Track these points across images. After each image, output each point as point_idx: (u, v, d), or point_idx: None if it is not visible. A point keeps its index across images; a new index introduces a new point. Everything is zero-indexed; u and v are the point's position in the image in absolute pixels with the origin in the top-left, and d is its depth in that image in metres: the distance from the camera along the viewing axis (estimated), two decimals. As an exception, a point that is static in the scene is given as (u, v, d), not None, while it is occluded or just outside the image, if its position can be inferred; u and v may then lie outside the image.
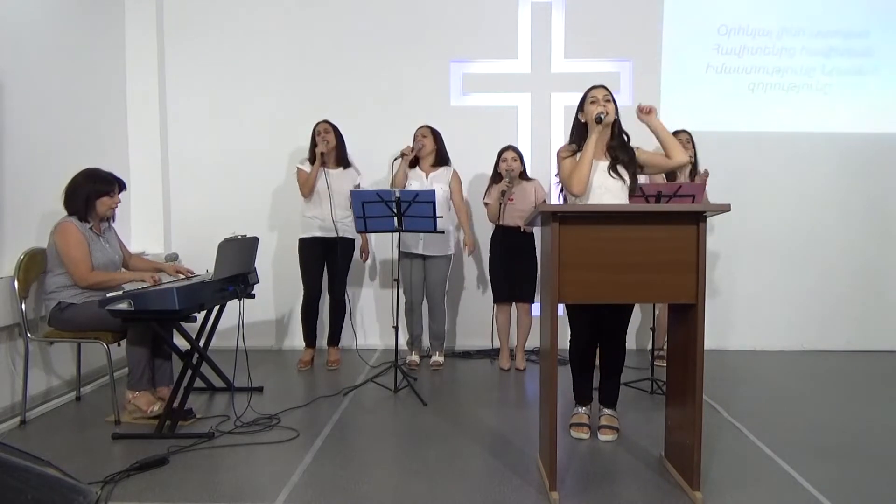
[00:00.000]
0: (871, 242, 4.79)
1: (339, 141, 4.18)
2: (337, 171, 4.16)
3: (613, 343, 3.00)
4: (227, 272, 3.20)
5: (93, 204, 3.22)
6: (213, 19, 4.74)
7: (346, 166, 4.23)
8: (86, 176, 3.23)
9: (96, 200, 3.22)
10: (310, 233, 4.14)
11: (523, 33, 4.75)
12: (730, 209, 2.32)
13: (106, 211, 3.28)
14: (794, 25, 4.73)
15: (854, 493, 2.40)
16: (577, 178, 2.77)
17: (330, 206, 4.06)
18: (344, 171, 4.20)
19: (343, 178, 4.16)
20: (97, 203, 3.22)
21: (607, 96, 2.82)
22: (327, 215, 4.07)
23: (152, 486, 2.42)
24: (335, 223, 4.06)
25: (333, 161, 4.16)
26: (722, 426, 3.12)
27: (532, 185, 4.17)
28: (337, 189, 4.08)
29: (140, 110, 4.58)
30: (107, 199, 3.25)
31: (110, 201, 3.27)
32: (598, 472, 2.59)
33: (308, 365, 4.23)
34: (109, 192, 3.26)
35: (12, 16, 3.40)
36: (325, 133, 4.10)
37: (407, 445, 2.92)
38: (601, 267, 2.28)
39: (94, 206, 3.23)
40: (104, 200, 3.24)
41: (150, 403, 3.18)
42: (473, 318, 4.75)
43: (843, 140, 4.75)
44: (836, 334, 4.77)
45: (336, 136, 4.15)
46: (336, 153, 4.16)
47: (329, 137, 4.09)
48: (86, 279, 3.14)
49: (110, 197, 3.27)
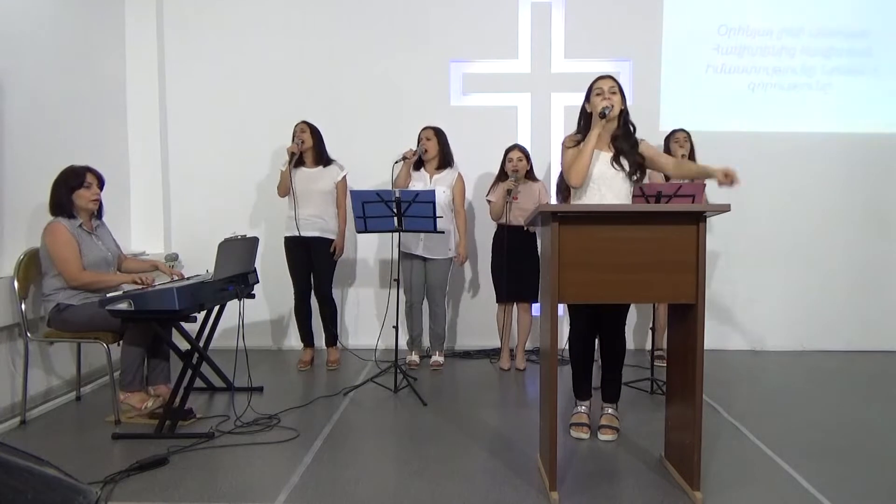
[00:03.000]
0: (871, 242, 4.79)
1: (318, 139, 4.17)
2: (316, 169, 4.15)
3: (612, 335, 3.00)
4: (227, 272, 3.21)
5: (71, 199, 3.20)
6: (213, 19, 4.74)
7: (327, 164, 4.20)
8: (60, 174, 3.22)
9: (72, 195, 3.20)
10: (290, 232, 4.13)
11: (523, 33, 4.75)
12: (730, 209, 2.32)
13: (87, 204, 3.24)
14: (794, 25, 4.73)
15: (854, 493, 2.40)
16: (576, 170, 2.79)
17: (294, 206, 4.06)
18: (324, 169, 4.17)
19: (322, 177, 4.14)
20: (74, 197, 3.20)
21: (613, 87, 2.81)
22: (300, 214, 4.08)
23: (152, 486, 2.42)
24: (298, 222, 4.05)
25: (312, 160, 4.15)
26: (722, 426, 3.12)
27: (537, 186, 4.17)
28: (309, 188, 4.07)
29: (140, 110, 4.58)
30: (83, 192, 3.22)
31: (87, 193, 3.23)
32: (598, 472, 2.59)
33: (308, 365, 4.23)
34: (83, 182, 3.22)
35: (12, 16, 3.40)
36: (301, 133, 4.10)
37: (407, 445, 2.92)
38: (601, 267, 2.28)
39: (73, 202, 3.21)
40: (81, 193, 3.21)
41: (142, 401, 3.18)
42: (473, 318, 4.76)
43: (843, 140, 4.75)
44: (836, 334, 4.77)
45: (313, 135, 4.14)
46: (314, 152, 4.15)
47: (304, 137, 4.09)
48: (76, 278, 3.12)
49: (87, 188, 3.23)
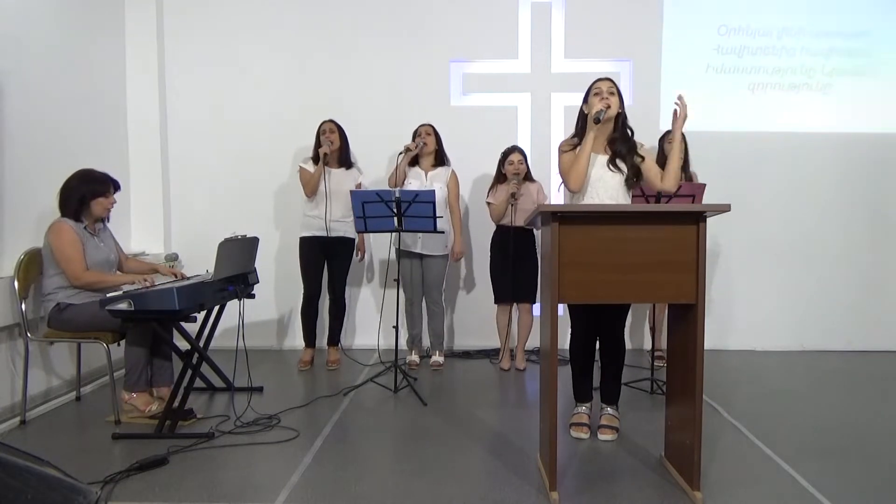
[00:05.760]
0: (871, 242, 4.79)
1: (343, 141, 4.19)
2: (339, 171, 4.16)
3: (612, 335, 3.00)
4: (227, 272, 3.20)
5: (88, 205, 3.22)
6: (213, 19, 4.74)
7: (349, 166, 4.24)
8: (80, 177, 3.23)
9: (91, 201, 3.22)
10: (310, 232, 4.15)
11: (523, 33, 4.74)
12: (730, 209, 2.31)
13: (101, 211, 3.29)
14: (794, 25, 4.73)
15: (854, 492, 2.40)
16: (574, 175, 2.78)
17: (326, 207, 4.06)
18: (346, 172, 4.20)
19: (345, 179, 4.17)
20: (92, 204, 3.23)
21: (611, 88, 2.80)
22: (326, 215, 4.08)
23: (152, 486, 2.42)
24: (329, 223, 4.06)
25: (336, 161, 4.16)
26: (722, 426, 3.12)
27: (535, 187, 4.17)
28: (336, 189, 4.08)
29: (140, 110, 4.58)
30: (102, 200, 3.26)
31: (106, 202, 3.28)
32: (598, 472, 2.59)
33: (308, 365, 4.23)
34: (104, 192, 3.27)
35: (12, 17, 3.40)
36: (330, 133, 4.10)
37: (407, 445, 2.92)
38: (601, 267, 2.28)
39: (90, 207, 3.23)
40: (100, 201, 3.25)
41: (147, 403, 3.18)
42: (473, 318, 4.75)
43: (843, 140, 4.75)
44: (836, 334, 4.76)
45: (340, 136, 4.16)
46: (339, 153, 4.17)
47: (333, 138, 4.10)
48: (79, 277, 3.14)
49: (105, 197, 3.27)
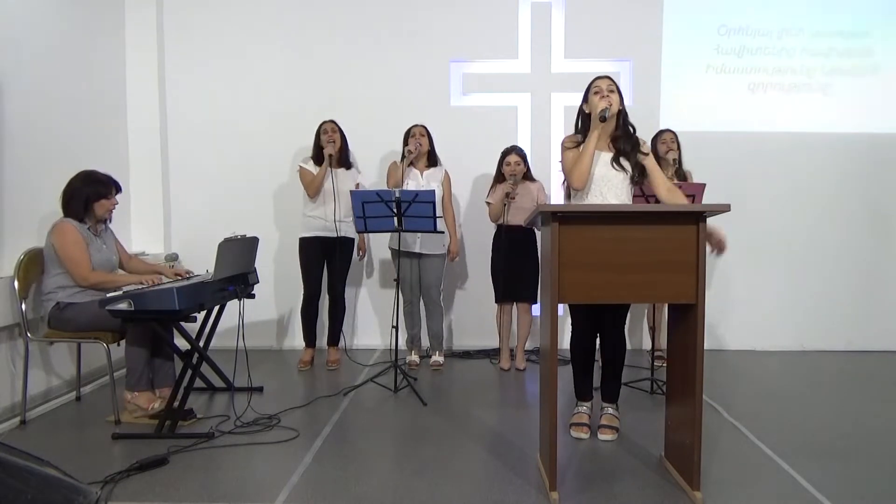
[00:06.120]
0: (871, 242, 4.79)
1: (343, 141, 4.19)
2: (339, 171, 4.17)
3: (612, 335, 3.00)
4: (227, 272, 3.21)
5: (91, 206, 3.24)
6: (213, 19, 4.74)
7: (349, 167, 4.25)
8: (83, 179, 3.24)
9: (94, 203, 3.24)
10: (311, 232, 4.15)
11: (523, 33, 4.75)
12: (730, 209, 2.31)
13: (104, 213, 3.31)
14: (794, 25, 4.73)
15: (854, 493, 2.40)
16: (577, 172, 2.78)
17: (334, 207, 4.06)
18: (346, 172, 4.21)
19: (345, 179, 4.17)
20: (95, 206, 3.25)
21: (611, 86, 2.80)
22: (330, 215, 4.07)
23: (152, 486, 2.42)
24: (337, 223, 4.07)
25: (336, 161, 4.16)
26: (722, 426, 3.12)
27: (535, 186, 4.17)
28: (341, 189, 4.08)
29: (140, 110, 4.58)
30: (105, 202, 3.28)
31: (108, 203, 3.30)
32: (598, 472, 2.59)
33: (308, 365, 4.23)
34: (107, 194, 3.29)
35: (12, 17, 3.40)
36: (332, 133, 4.11)
37: (407, 445, 2.92)
38: (601, 267, 2.28)
39: (93, 209, 3.25)
40: (102, 203, 3.27)
41: (150, 401, 3.19)
42: (473, 318, 4.76)
43: (843, 140, 4.75)
44: (836, 334, 4.76)
45: (340, 136, 4.16)
46: (339, 154, 4.17)
47: (335, 138, 4.10)
48: (86, 278, 3.15)
49: (108, 199, 3.30)
